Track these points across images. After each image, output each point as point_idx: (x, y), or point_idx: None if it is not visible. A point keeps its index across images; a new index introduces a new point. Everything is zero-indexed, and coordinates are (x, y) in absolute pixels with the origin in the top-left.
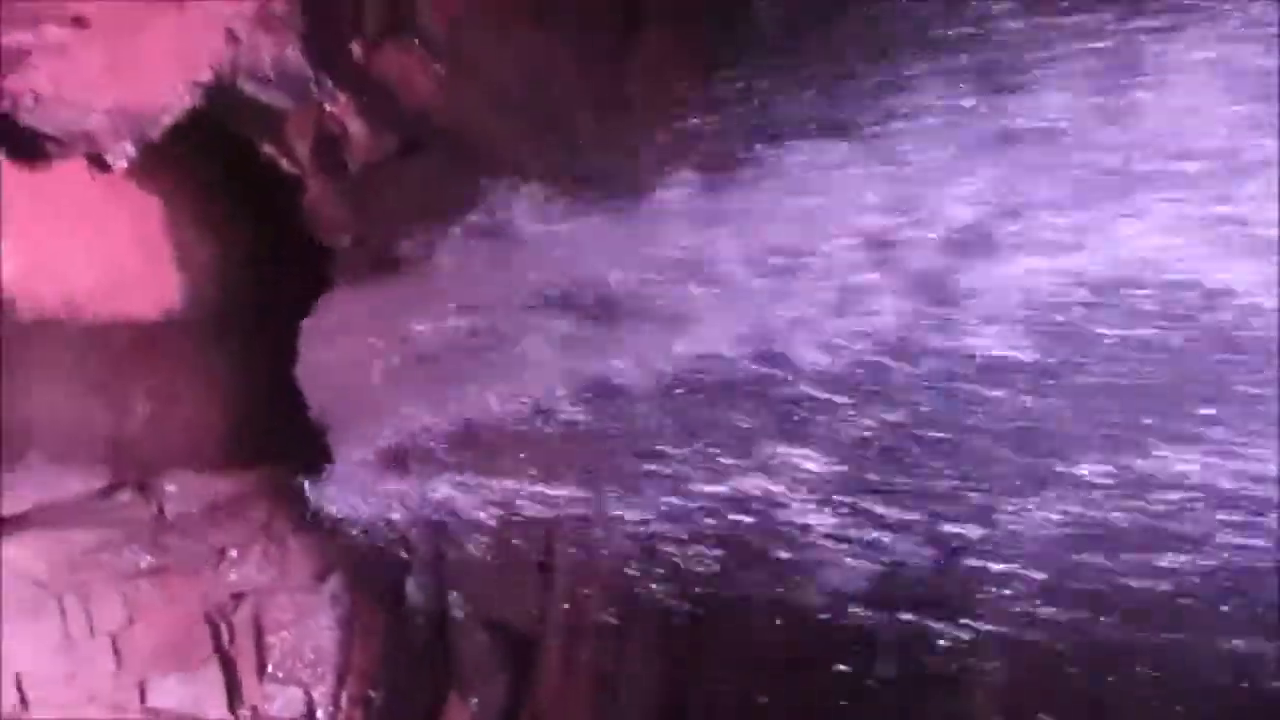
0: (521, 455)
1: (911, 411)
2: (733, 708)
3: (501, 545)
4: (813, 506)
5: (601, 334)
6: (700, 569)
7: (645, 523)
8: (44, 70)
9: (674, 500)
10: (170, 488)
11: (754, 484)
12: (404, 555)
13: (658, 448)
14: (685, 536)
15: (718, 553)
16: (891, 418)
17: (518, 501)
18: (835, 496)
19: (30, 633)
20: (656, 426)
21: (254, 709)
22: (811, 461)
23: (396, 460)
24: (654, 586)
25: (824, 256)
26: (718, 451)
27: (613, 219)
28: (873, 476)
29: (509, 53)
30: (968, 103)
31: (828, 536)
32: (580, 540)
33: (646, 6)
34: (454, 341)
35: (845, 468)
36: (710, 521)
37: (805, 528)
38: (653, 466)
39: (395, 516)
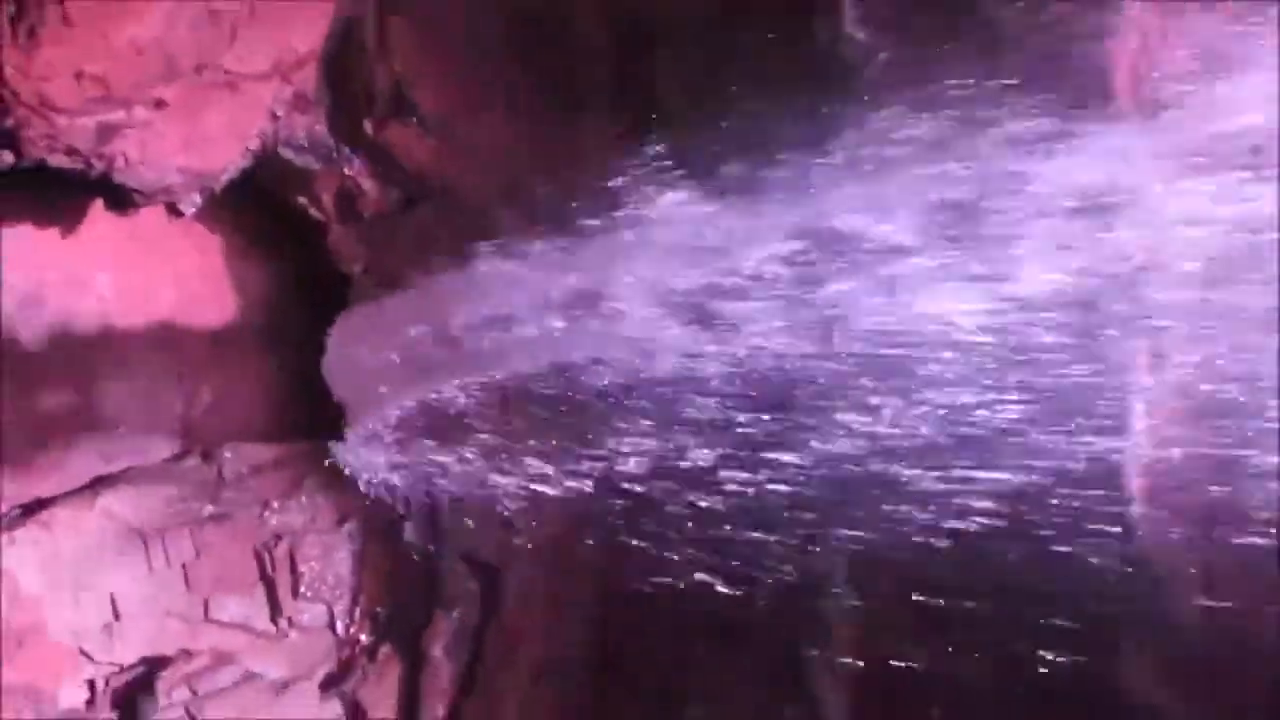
0: (481, 432)
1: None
2: (643, 626)
3: (473, 499)
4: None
5: (533, 346)
6: (609, 516)
7: (564, 479)
8: (133, 140)
9: (572, 465)
10: (227, 455)
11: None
12: (402, 505)
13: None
14: (589, 490)
15: (621, 503)
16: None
17: (483, 467)
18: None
19: (123, 562)
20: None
21: (289, 619)
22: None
23: (396, 433)
24: (584, 529)
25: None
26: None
27: (555, 260)
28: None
29: (485, 131)
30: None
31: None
32: (530, 495)
33: (585, 100)
34: (434, 346)
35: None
36: (590, 480)
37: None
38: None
39: (395, 476)
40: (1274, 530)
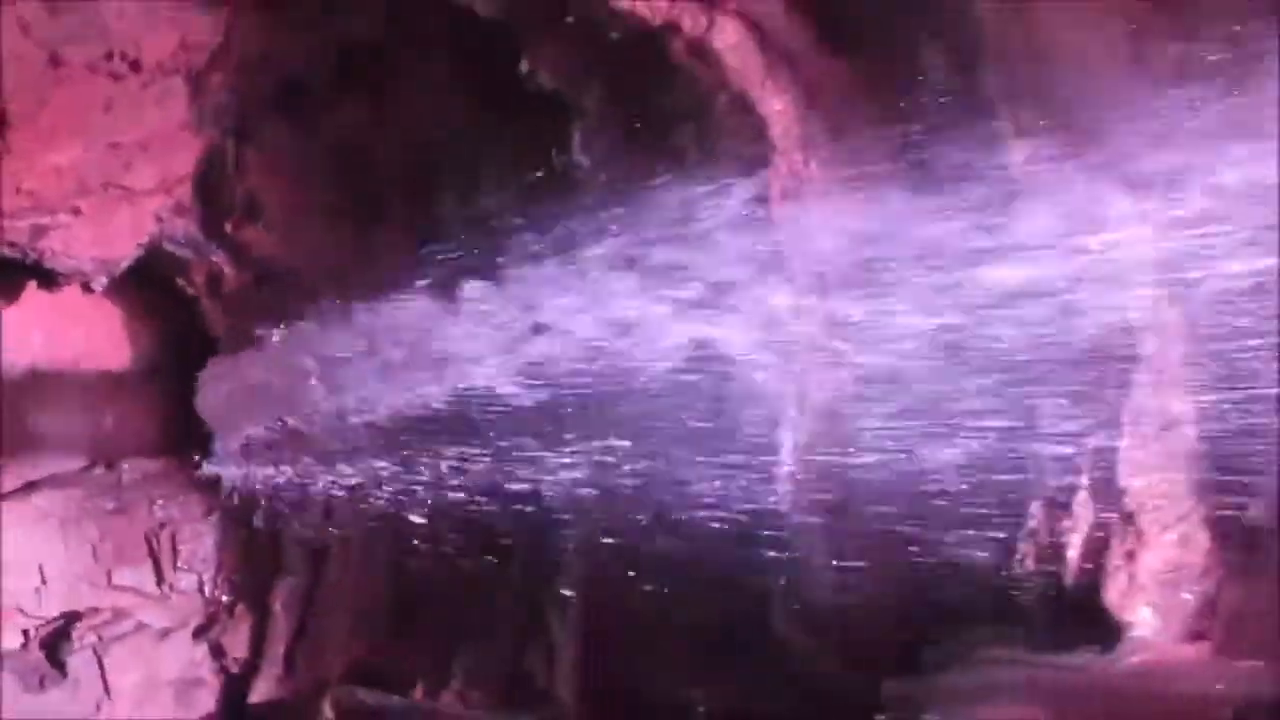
0: (309, 449)
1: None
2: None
3: (303, 496)
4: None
5: (338, 388)
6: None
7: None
8: (57, 237)
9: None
10: (125, 465)
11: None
12: (252, 499)
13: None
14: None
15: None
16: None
17: (311, 473)
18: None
19: (47, 543)
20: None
21: (170, 585)
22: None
23: (248, 449)
24: (383, 524)
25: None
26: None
27: (357, 326)
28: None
29: (311, 232)
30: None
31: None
32: (350, 492)
33: (383, 212)
34: (274, 386)
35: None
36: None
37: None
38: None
39: (248, 480)
40: (885, 518)
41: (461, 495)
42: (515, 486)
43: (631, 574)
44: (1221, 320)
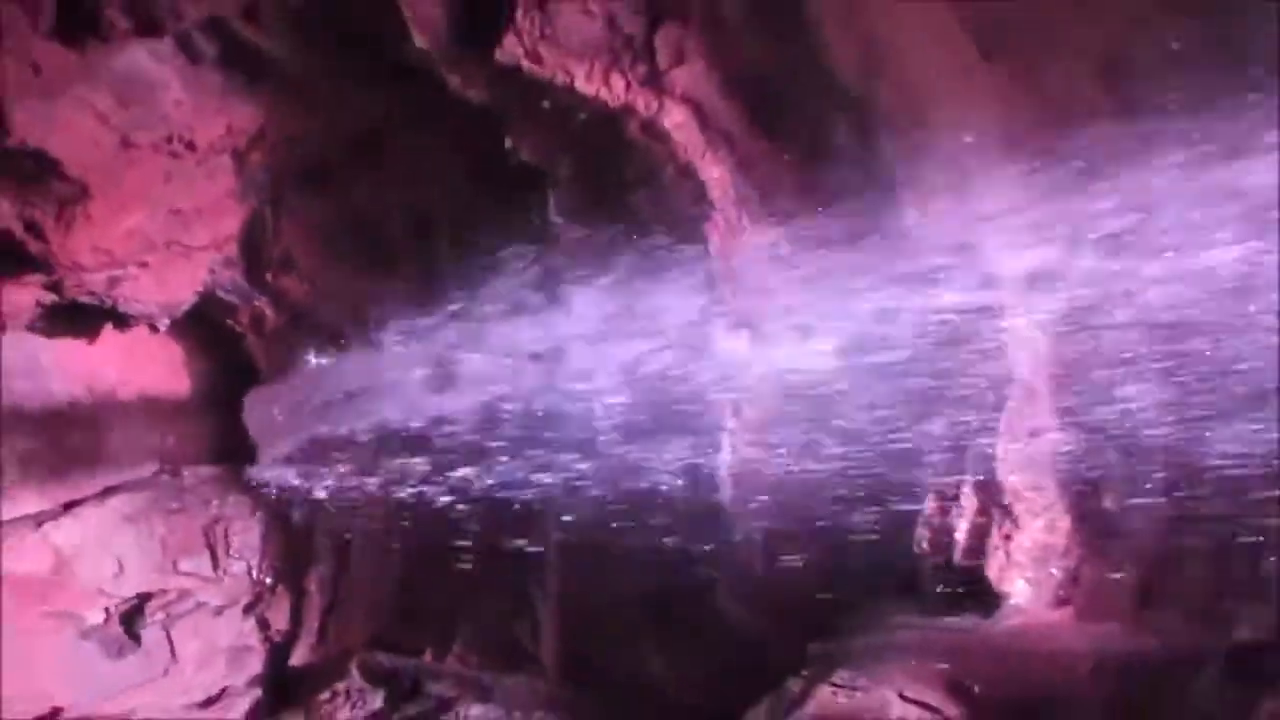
0: (337, 458)
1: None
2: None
3: (333, 497)
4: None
5: (360, 408)
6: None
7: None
8: (128, 287)
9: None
10: (186, 473)
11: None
12: (290, 500)
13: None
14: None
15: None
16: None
17: (337, 478)
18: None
19: (123, 538)
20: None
21: (224, 570)
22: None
23: (286, 459)
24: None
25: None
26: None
27: (375, 359)
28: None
29: (337, 281)
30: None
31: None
32: (367, 494)
33: (396, 263)
34: (307, 407)
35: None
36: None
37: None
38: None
39: (287, 485)
40: (808, 510)
41: (465, 490)
42: (504, 486)
43: (599, 562)
44: (1080, 347)
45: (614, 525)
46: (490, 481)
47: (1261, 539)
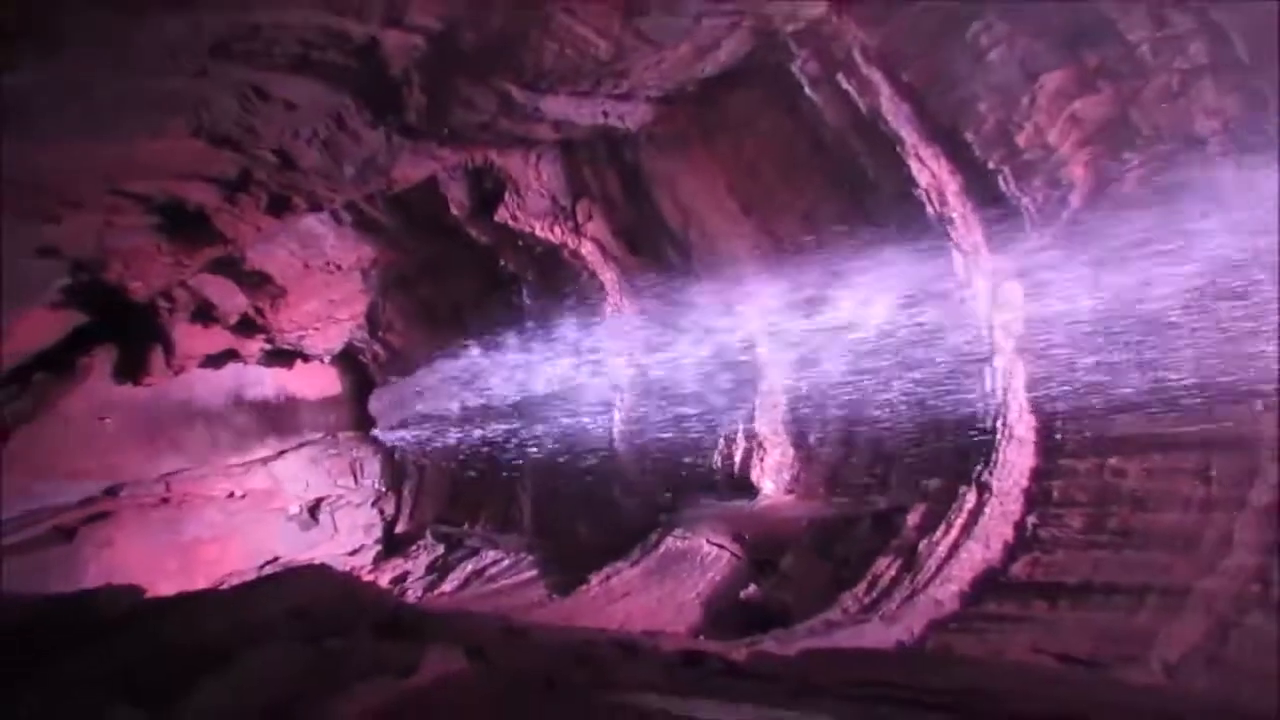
0: (417, 427)
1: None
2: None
3: (415, 447)
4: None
5: (436, 400)
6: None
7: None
8: (308, 340)
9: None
10: (340, 436)
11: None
12: (394, 448)
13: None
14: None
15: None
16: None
17: (418, 436)
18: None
19: (307, 468)
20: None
21: (361, 484)
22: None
23: (392, 428)
24: (445, 457)
25: None
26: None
27: (438, 377)
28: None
29: (418, 334)
30: None
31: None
32: (434, 444)
33: (446, 327)
34: (403, 400)
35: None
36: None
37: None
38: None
39: (393, 442)
40: (661, 449)
41: (482, 439)
42: (503, 436)
43: (553, 477)
44: (796, 366)
45: (560, 457)
46: (494, 434)
47: (885, 458)
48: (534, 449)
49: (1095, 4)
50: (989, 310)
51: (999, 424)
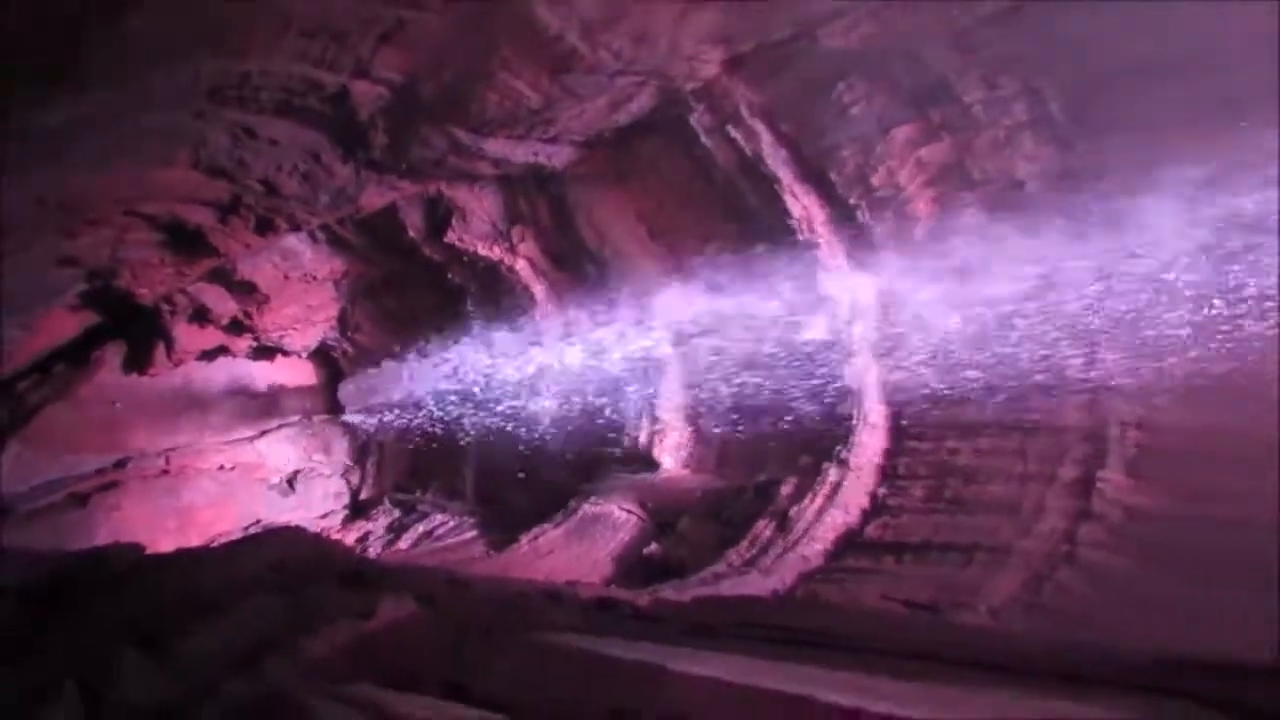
0: (378, 411)
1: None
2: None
3: (376, 428)
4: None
5: (390, 389)
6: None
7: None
8: (287, 338)
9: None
10: (315, 419)
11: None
12: (359, 428)
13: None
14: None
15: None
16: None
17: (380, 419)
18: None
19: (286, 446)
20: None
21: (331, 458)
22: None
23: (358, 411)
24: (403, 435)
25: None
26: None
27: (400, 370)
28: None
29: (382, 335)
30: None
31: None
32: (393, 425)
33: (407, 331)
34: (367, 388)
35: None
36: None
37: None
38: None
39: (359, 422)
40: (580, 433)
41: (433, 421)
42: (451, 419)
43: (492, 453)
44: (692, 360)
45: (497, 437)
46: (443, 418)
47: (764, 439)
48: (476, 430)
49: (938, 69)
50: (849, 318)
51: (856, 412)
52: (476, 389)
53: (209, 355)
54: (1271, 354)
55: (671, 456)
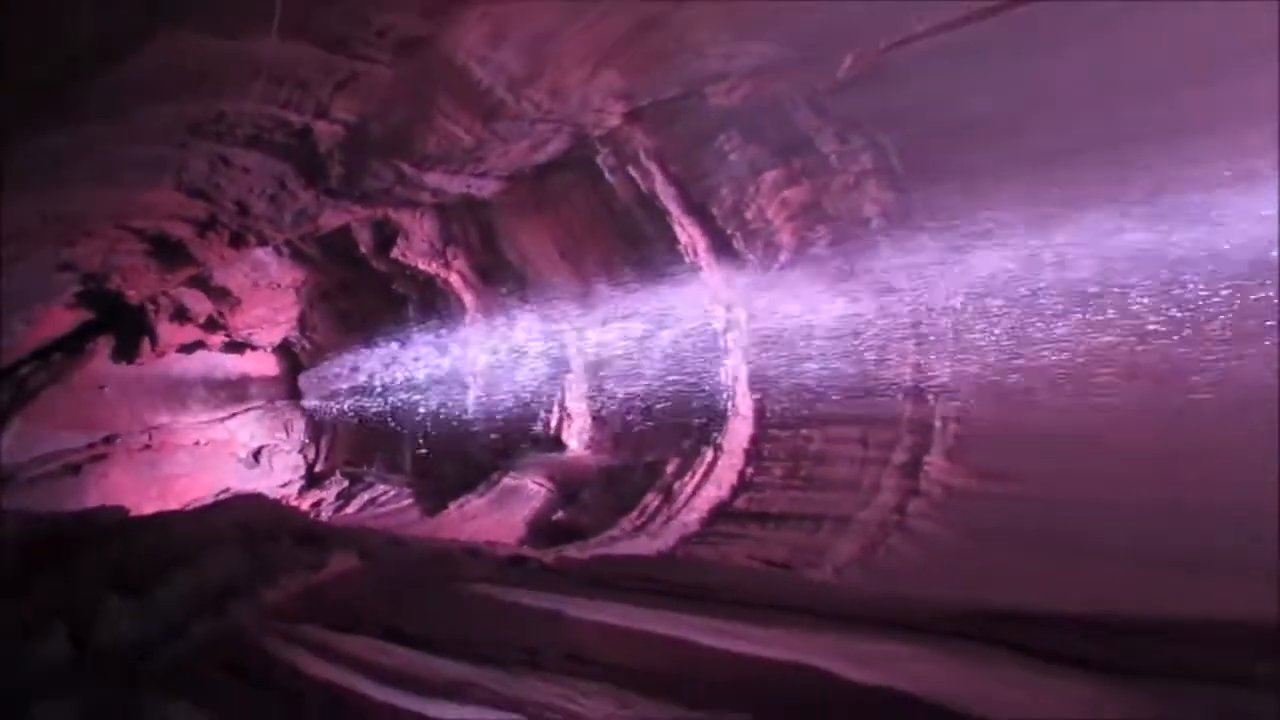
0: (332, 396)
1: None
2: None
3: (332, 411)
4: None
5: (350, 381)
6: (364, 415)
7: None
8: (255, 336)
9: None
10: (278, 403)
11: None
12: (316, 411)
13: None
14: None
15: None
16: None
17: (335, 403)
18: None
19: (252, 424)
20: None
21: (291, 436)
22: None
23: (315, 396)
24: (354, 418)
25: None
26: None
27: (351, 362)
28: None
29: (331, 335)
30: None
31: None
32: (346, 409)
33: (357, 330)
34: (323, 379)
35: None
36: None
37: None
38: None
39: (316, 406)
40: (508, 420)
41: (378, 407)
42: (393, 405)
43: (428, 434)
44: (600, 362)
45: (432, 420)
46: (386, 404)
47: (653, 425)
48: (415, 415)
49: (800, 126)
50: (725, 327)
51: (729, 404)
52: (416, 381)
53: (187, 348)
54: (1064, 361)
55: (576, 440)
